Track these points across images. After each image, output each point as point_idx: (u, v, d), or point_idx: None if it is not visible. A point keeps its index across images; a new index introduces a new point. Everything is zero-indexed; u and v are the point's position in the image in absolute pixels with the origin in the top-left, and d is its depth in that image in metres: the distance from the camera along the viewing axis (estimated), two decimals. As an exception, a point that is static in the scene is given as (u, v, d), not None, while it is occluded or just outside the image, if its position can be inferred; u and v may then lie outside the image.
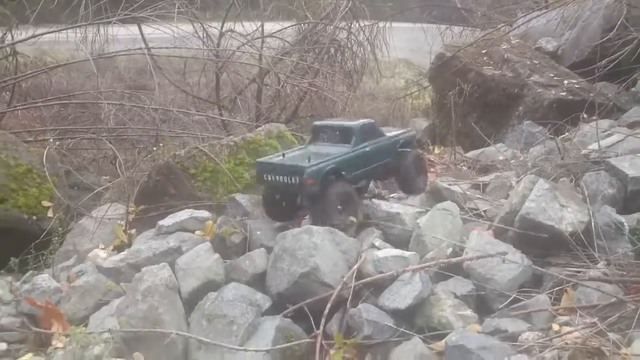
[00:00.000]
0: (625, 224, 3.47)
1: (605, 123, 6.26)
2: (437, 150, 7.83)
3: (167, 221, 4.25)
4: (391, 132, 4.95)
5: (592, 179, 4.20)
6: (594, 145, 5.00)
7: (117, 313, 3.22)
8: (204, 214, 4.40)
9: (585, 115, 6.91)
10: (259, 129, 5.70)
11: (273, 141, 5.53)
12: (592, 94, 7.31)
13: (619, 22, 7.11)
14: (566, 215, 3.51)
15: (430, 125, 8.75)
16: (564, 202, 3.59)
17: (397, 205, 4.26)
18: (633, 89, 7.47)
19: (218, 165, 5.15)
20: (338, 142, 4.45)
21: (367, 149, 4.47)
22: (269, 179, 4.16)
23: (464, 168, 6.52)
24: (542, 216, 3.49)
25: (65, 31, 7.35)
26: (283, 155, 4.36)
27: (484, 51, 8.45)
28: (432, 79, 8.62)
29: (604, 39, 7.42)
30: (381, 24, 11.21)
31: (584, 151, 4.94)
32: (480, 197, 4.97)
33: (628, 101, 7.38)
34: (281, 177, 4.06)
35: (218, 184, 5.18)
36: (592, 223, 3.52)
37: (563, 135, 6.84)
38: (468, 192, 4.95)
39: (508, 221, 3.75)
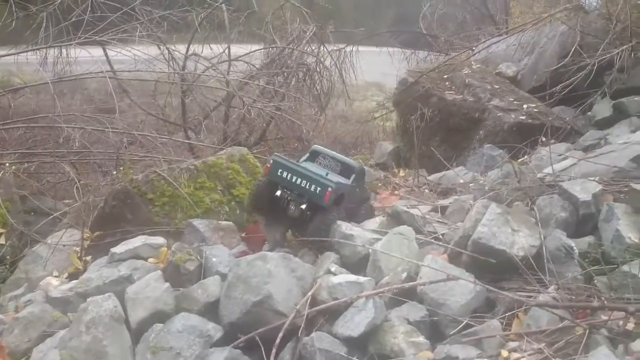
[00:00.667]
0: (574, 248, 3.52)
1: (562, 146, 6.44)
2: (401, 173, 7.92)
3: (120, 248, 4.14)
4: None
5: (546, 202, 4.26)
6: (549, 169, 5.10)
7: (60, 346, 3.09)
8: (159, 240, 4.30)
9: (543, 139, 7.11)
10: (221, 152, 5.65)
11: (235, 165, 5.49)
12: (550, 118, 7.53)
13: (572, 49, 7.35)
14: (517, 240, 3.56)
15: (395, 149, 8.85)
16: (515, 227, 3.63)
17: (356, 229, 4.25)
18: (589, 113, 7.71)
19: (177, 190, 5.08)
20: (337, 173, 4.72)
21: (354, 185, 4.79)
22: (286, 177, 4.26)
23: (426, 191, 6.59)
24: (493, 241, 3.52)
25: (25, 53, 7.25)
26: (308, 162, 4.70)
27: (445, 76, 8.63)
28: (396, 103, 8.74)
29: (560, 65, 7.67)
30: (348, 49, 11.38)
31: (539, 175, 5.03)
32: (439, 220, 5.02)
33: (585, 125, 7.61)
34: (302, 182, 4.21)
35: (177, 208, 5.11)
36: (543, 247, 3.56)
37: (522, 159, 7.01)
38: (427, 216, 4.98)
39: (462, 245, 3.77)
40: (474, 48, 8.75)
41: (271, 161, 4.40)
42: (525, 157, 6.97)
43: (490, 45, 9.33)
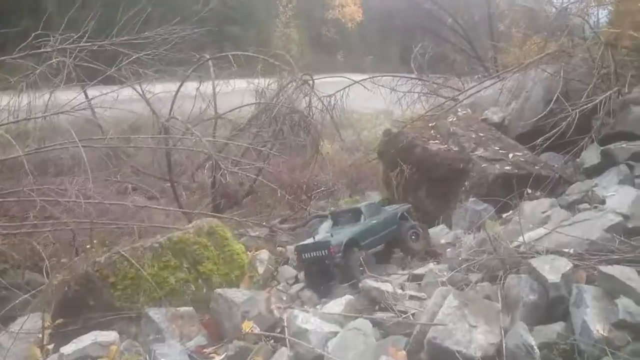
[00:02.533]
0: (535, 347, 3.27)
1: (545, 202, 6.19)
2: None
3: (69, 348, 3.98)
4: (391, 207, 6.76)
5: (514, 282, 4.03)
6: (529, 234, 4.87)
7: None
8: (110, 337, 4.12)
9: (529, 191, 6.88)
10: (189, 225, 5.52)
11: (203, 239, 5.37)
12: (536, 167, 7.30)
13: (554, 96, 7.17)
14: (475, 337, 3.33)
15: (382, 200, 8.65)
16: (473, 322, 3.41)
17: (313, 320, 4.03)
18: (578, 159, 7.47)
19: (140, 271, 4.95)
20: (352, 221, 6.18)
21: (374, 221, 6.14)
22: (307, 256, 5.63)
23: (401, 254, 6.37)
24: (449, 341, 3.30)
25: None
26: (314, 238, 5.88)
27: (431, 124, 8.47)
28: (380, 154, 8.58)
29: (545, 112, 7.48)
30: (338, 95, 11.33)
31: (513, 243, 4.80)
32: (413, 294, 4.80)
33: (573, 173, 7.36)
34: (315, 253, 5.56)
35: (139, 291, 4.96)
36: (503, 344, 3.32)
37: (506, 214, 6.77)
38: (399, 290, 4.77)
39: (420, 342, 3.54)
40: (458, 97, 8.58)
41: (295, 252, 5.89)
42: (510, 212, 6.76)
43: (478, 91, 9.17)
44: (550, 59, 8.31)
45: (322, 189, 12.07)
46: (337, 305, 4.44)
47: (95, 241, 5.99)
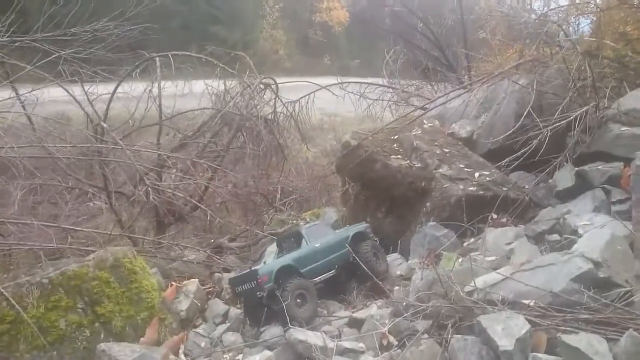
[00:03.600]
0: None
1: (510, 232, 5.47)
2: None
3: None
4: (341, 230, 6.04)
5: (459, 345, 3.28)
6: (481, 280, 4.12)
7: None
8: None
9: (494, 216, 6.16)
10: (90, 256, 4.67)
11: (104, 273, 4.53)
12: (505, 188, 6.58)
13: (526, 111, 6.47)
14: None
15: (340, 218, 7.89)
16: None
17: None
18: (551, 181, 6.76)
19: (20, 314, 4.10)
20: (294, 246, 5.55)
21: (317, 245, 5.49)
22: (240, 290, 5.07)
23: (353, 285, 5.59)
24: None
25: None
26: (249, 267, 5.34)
27: (394, 137, 7.71)
28: (338, 169, 7.79)
29: (516, 127, 6.76)
30: (303, 101, 10.55)
31: (467, 288, 4.04)
32: (349, 346, 4.02)
33: (545, 195, 6.65)
34: (246, 285, 4.99)
35: (19, 338, 4.11)
36: None
37: (467, 242, 6.05)
38: (331, 344, 3.98)
39: None
40: (426, 107, 7.83)
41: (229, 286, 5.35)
42: (472, 240, 6.04)
43: (446, 102, 8.42)
44: (525, 70, 7.59)
45: (294, 196, 11.33)
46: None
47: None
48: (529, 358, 3.02)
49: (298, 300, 4.85)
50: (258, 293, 4.89)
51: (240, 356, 4.25)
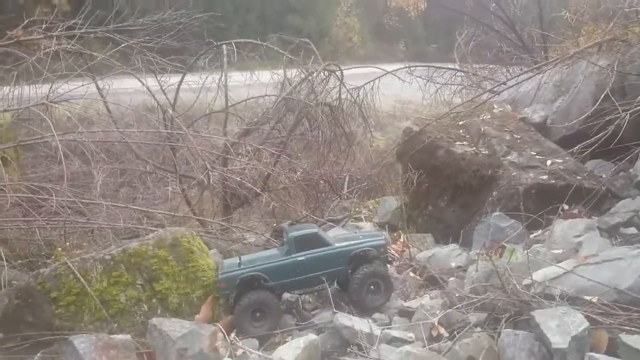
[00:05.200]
0: None
1: (580, 224, 5.08)
2: (401, 239, 6.75)
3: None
4: (345, 241, 4.74)
5: (509, 340, 3.10)
6: (545, 271, 3.86)
7: None
8: (23, 367, 3.55)
9: (565, 207, 5.76)
10: (149, 235, 4.86)
11: (162, 252, 4.67)
12: (579, 177, 6.13)
13: (604, 93, 5.96)
14: None
15: (400, 206, 7.69)
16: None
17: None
18: (631, 170, 6.23)
19: (86, 287, 4.36)
20: (283, 248, 4.70)
21: (302, 258, 4.50)
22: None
23: (410, 274, 5.44)
24: None
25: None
26: (239, 258, 4.75)
27: (462, 122, 7.41)
28: (399, 155, 7.60)
29: (592, 110, 6.27)
30: (368, 87, 10.41)
31: (525, 281, 3.81)
32: (397, 335, 3.92)
33: (624, 185, 6.14)
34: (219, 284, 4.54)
35: (84, 310, 4.37)
36: None
37: (534, 234, 5.70)
38: (377, 331, 3.90)
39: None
40: (495, 90, 7.43)
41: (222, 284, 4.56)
42: (539, 232, 5.69)
43: (519, 84, 7.96)
44: (606, 50, 7.01)
45: (363, 184, 11.26)
46: (293, 347, 3.64)
47: (61, 244, 5.46)
48: (586, 358, 2.78)
49: (257, 314, 4.32)
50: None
51: (289, 338, 4.27)
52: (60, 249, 5.32)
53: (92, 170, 8.18)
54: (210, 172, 5.91)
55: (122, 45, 6.93)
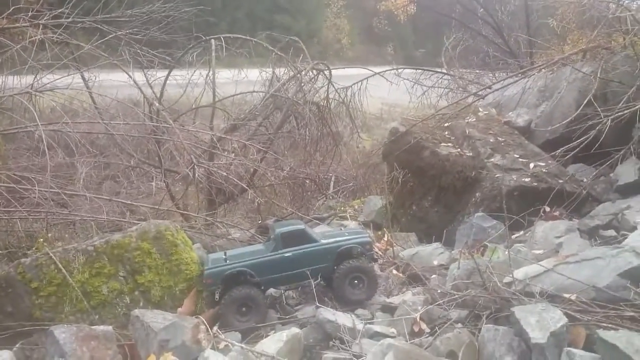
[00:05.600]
0: None
1: (561, 226, 5.19)
2: (385, 237, 6.80)
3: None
4: (331, 237, 4.76)
5: (490, 335, 3.14)
6: (521, 271, 3.93)
7: None
8: (2, 356, 3.50)
9: (547, 209, 5.87)
10: (133, 228, 4.83)
11: (145, 244, 4.64)
12: (561, 180, 6.24)
13: (586, 99, 6.08)
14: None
15: (385, 205, 7.74)
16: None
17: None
18: (612, 175, 6.35)
19: (67, 278, 4.32)
20: (269, 244, 4.69)
21: (288, 254, 4.51)
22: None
23: (393, 272, 5.48)
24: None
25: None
26: (225, 254, 4.75)
27: (447, 124, 7.49)
28: (385, 155, 7.65)
29: (574, 115, 6.39)
30: (355, 87, 10.48)
31: (506, 279, 3.87)
32: (380, 330, 3.96)
33: (605, 190, 6.27)
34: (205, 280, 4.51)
35: (65, 300, 4.33)
36: None
37: (516, 235, 5.79)
38: (360, 326, 3.93)
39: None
40: (479, 94, 7.53)
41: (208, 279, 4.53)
42: (520, 233, 5.78)
43: (504, 88, 8.06)
44: (590, 57, 7.14)
45: (348, 185, 11.29)
46: (275, 340, 3.65)
47: (43, 235, 5.40)
48: (564, 353, 2.83)
49: (243, 309, 4.32)
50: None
51: (272, 332, 4.28)
52: (42, 240, 5.24)
53: (76, 163, 8.10)
54: (196, 166, 5.88)
55: (110, 36, 6.85)
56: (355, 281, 4.50)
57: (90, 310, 4.31)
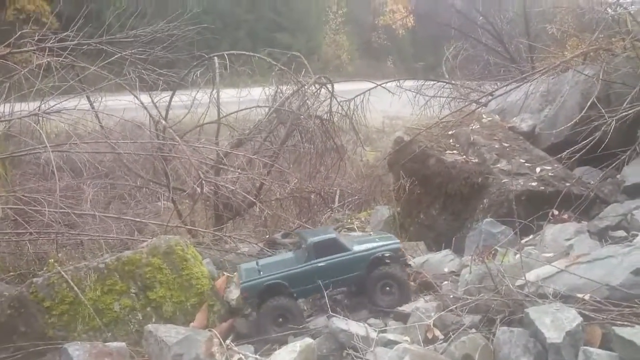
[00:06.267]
0: None
1: (571, 227, 5.16)
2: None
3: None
4: (362, 245, 4.76)
5: (505, 337, 3.13)
6: (533, 273, 3.92)
7: None
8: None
9: (555, 212, 5.84)
10: (144, 244, 4.86)
11: (156, 260, 4.68)
12: (568, 183, 6.22)
13: (589, 101, 6.09)
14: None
15: (392, 215, 7.74)
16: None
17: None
18: (618, 176, 6.34)
19: (79, 296, 4.33)
20: (300, 254, 4.72)
21: (322, 264, 4.52)
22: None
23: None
24: None
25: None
26: (257, 264, 4.80)
27: (451, 132, 7.51)
28: (391, 164, 7.67)
29: (578, 118, 6.41)
30: (358, 99, 10.55)
31: (518, 282, 3.85)
32: (393, 338, 3.93)
33: (612, 191, 6.25)
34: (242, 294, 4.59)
35: (77, 319, 4.35)
36: None
37: (526, 240, 5.76)
38: (373, 334, 3.92)
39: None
40: (481, 101, 7.56)
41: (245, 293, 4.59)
42: (530, 237, 5.76)
43: (507, 94, 8.10)
44: (591, 60, 7.18)
45: (353, 198, 11.29)
46: (289, 351, 3.63)
47: (54, 256, 5.43)
48: (580, 352, 2.82)
49: (280, 319, 4.36)
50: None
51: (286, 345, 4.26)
52: (52, 260, 5.27)
53: (83, 185, 8.16)
54: (203, 181, 5.91)
55: (114, 57, 6.95)
56: (387, 287, 4.54)
57: (103, 327, 4.33)
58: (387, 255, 4.64)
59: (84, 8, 7.09)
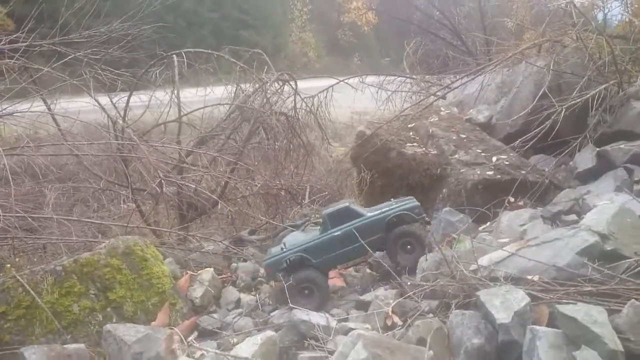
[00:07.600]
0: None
1: (525, 214, 5.33)
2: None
3: None
4: (378, 210, 5.02)
5: (457, 320, 3.22)
6: (485, 258, 4.04)
7: None
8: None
9: (511, 199, 6.03)
10: (102, 245, 4.79)
11: (115, 260, 4.63)
12: (523, 171, 6.42)
13: (541, 91, 6.29)
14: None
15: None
16: (383, 381, 2.60)
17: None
18: (571, 163, 6.57)
19: (36, 299, 4.25)
20: (322, 227, 4.90)
21: (338, 233, 4.78)
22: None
23: (367, 270, 5.56)
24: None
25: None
26: (284, 244, 5.00)
27: (411, 125, 7.64)
28: (354, 159, 7.76)
29: (531, 107, 6.61)
30: (322, 96, 10.59)
31: (472, 267, 3.97)
32: (353, 326, 4.00)
33: (566, 178, 6.47)
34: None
35: (34, 322, 4.26)
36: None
37: (483, 227, 5.93)
38: (333, 324, 3.98)
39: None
40: (437, 94, 7.72)
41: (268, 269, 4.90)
42: (487, 224, 5.93)
43: (464, 86, 8.28)
44: (543, 51, 7.40)
45: (323, 194, 11.32)
46: (250, 344, 3.66)
47: (11, 261, 5.29)
48: (527, 330, 2.93)
49: (305, 291, 4.60)
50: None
51: (249, 337, 4.28)
52: (9, 265, 5.13)
53: (44, 189, 7.96)
54: (163, 182, 5.86)
55: (69, 57, 6.79)
56: (408, 246, 4.78)
57: (61, 330, 4.25)
58: (404, 215, 4.88)
59: (36, 8, 6.89)
